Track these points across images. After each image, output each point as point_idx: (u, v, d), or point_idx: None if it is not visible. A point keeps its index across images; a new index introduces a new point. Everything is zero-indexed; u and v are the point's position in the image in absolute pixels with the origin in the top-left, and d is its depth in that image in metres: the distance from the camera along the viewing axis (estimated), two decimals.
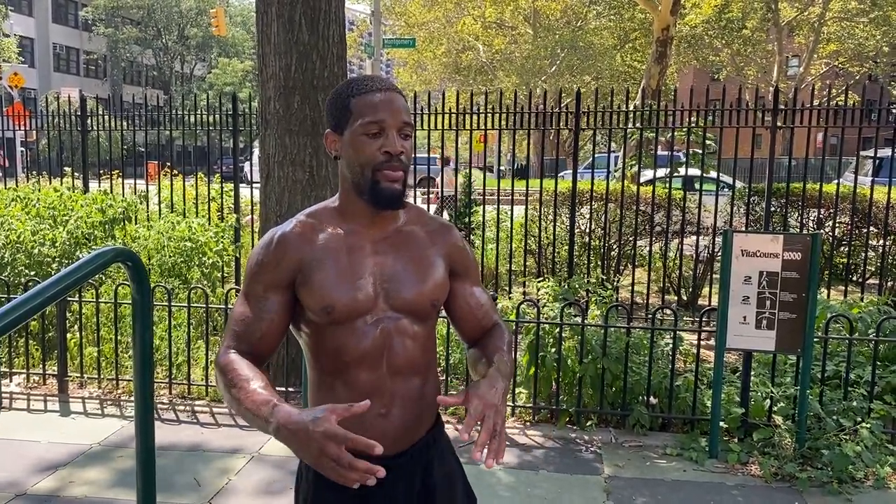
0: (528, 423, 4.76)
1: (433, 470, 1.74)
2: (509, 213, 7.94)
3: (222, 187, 7.79)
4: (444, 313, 1.85)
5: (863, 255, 7.41)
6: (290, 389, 5.05)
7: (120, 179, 8.67)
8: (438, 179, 8.51)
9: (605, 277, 6.97)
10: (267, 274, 1.66)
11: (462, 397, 1.52)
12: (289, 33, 5.02)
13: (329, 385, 1.67)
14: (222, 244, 6.67)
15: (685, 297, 7.53)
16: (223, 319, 5.43)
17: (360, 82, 1.66)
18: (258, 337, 1.66)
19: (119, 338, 5.20)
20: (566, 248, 7.25)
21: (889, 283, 7.10)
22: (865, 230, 7.28)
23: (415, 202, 7.40)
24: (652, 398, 4.69)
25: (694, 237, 7.34)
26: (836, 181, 7.83)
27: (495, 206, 7.58)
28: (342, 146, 1.66)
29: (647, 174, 8.73)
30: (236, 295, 5.73)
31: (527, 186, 7.59)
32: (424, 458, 1.73)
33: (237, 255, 7.17)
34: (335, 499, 1.67)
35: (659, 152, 8.93)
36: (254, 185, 8.28)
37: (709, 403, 4.42)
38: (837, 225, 7.54)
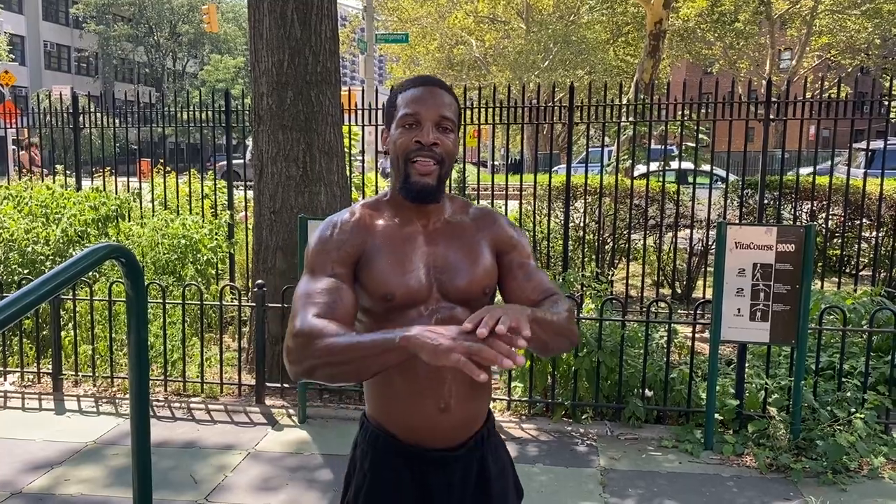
0: (523, 417, 4.76)
1: (488, 462, 1.76)
2: (503, 207, 7.95)
3: (216, 184, 7.77)
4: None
5: (856, 246, 7.44)
6: (287, 386, 5.05)
7: (112, 177, 8.64)
8: None
9: (599, 271, 6.99)
10: (334, 251, 1.66)
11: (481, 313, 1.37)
12: (281, 29, 5.00)
13: (385, 377, 1.59)
14: (216, 241, 6.66)
15: (679, 290, 7.55)
16: (217, 316, 5.43)
17: (409, 80, 1.72)
18: (340, 306, 1.58)
19: (114, 335, 5.19)
20: (561, 242, 7.26)
21: (882, 275, 7.13)
22: (858, 222, 7.31)
23: None
24: (647, 391, 4.70)
25: (688, 230, 7.36)
26: (829, 172, 7.86)
27: (489, 201, 7.57)
28: (389, 140, 1.69)
29: (641, 168, 8.74)
30: (231, 291, 5.74)
31: (520, 181, 7.58)
32: (480, 451, 1.75)
33: (231, 251, 7.16)
34: (393, 488, 1.69)
35: (653, 146, 8.94)
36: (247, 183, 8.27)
37: (704, 396, 4.44)
38: (831, 217, 7.57)
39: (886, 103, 6.91)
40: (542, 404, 4.82)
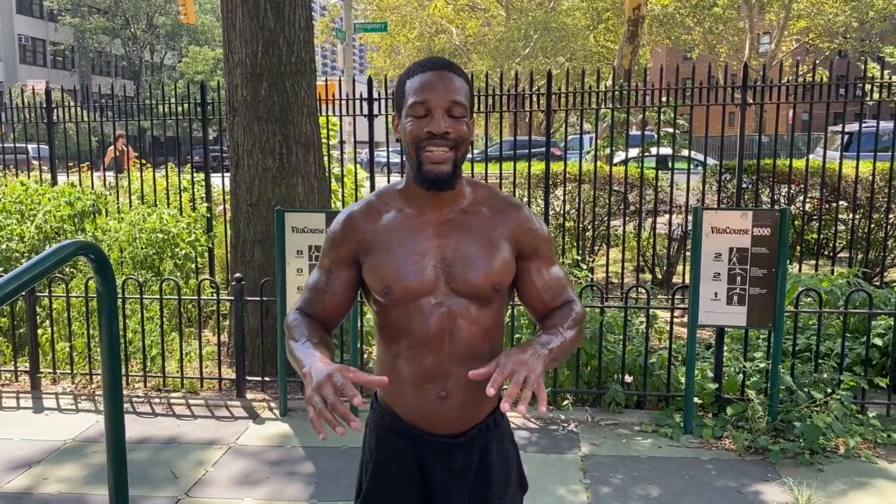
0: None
1: (491, 451, 1.76)
2: None
3: (193, 177, 7.71)
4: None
5: (833, 229, 7.51)
6: (267, 379, 5.03)
7: (89, 172, 8.55)
8: None
9: (580, 258, 7.00)
10: (333, 251, 1.74)
11: (493, 365, 1.48)
12: (254, 19, 4.95)
13: (392, 362, 1.71)
14: (195, 235, 6.61)
15: (660, 276, 7.59)
16: (197, 311, 5.40)
17: (417, 64, 1.66)
18: (321, 307, 1.76)
19: (91, 332, 5.14)
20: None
21: (859, 256, 7.20)
22: (835, 205, 7.37)
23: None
24: (627, 376, 4.73)
25: (667, 216, 7.39)
26: (806, 157, 7.91)
27: None
28: (400, 128, 1.66)
29: (621, 154, 8.76)
30: (210, 286, 5.70)
31: (500, 169, 7.57)
32: (483, 440, 1.75)
33: (210, 245, 7.11)
34: (395, 466, 1.75)
35: (633, 132, 8.96)
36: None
37: (683, 380, 4.47)
38: (808, 200, 7.62)
39: (862, 86, 6.96)
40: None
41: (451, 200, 1.69)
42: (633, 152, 8.29)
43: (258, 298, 4.89)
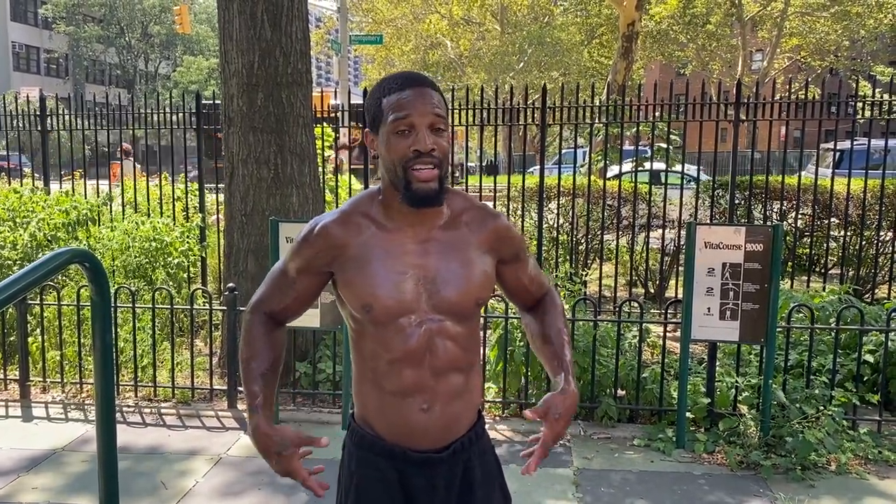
0: (497, 418, 4.77)
1: (474, 466, 1.77)
2: None
3: (187, 187, 7.70)
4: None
5: (825, 245, 7.54)
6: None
7: (83, 180, 8.52)
8: None
9: (573, 271, 7.01)
10: (303, 260, 1.73)
11: (540, 413, 1.67)
12: (251, 30, 4.97)
13: (371, 379, 1.70)
14: (188, 244, 6.59)
15: (653, 290, 7.61)
16: (189, 320, 5.37)
17: (392, 79, 1.66)
18: (281, 306, 1.79)
19: (82, 341, 5.12)
20: (535, 242, 7.28)
21: (850, 273, 7.24)
22: (827, 221, 7.41)
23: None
24: (620, 390, 4.73)
25: (660, 230, 7.41)
26: (798, 173, 7.96)
27: None
28: (378, 145, 1.66)
29: (614, 169, 8.79)
30: (203, 296, 5.68)
31: (494, 182, 7.60)
32: (466, 454, 1.75)
33: (203, 254, 7.09)
34: (378, 487, 1.74)
35: (627, 147, 9.01)
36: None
37: (675, 394, 4.47)
38: (800, 216, 7.67)
39: (854, 104, 7.02)
40: (515, 405, 4.83)
41: (431, 216, 1.68)
42: (627, 167, 8.32)
43: None
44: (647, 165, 7.35)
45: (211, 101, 7.25)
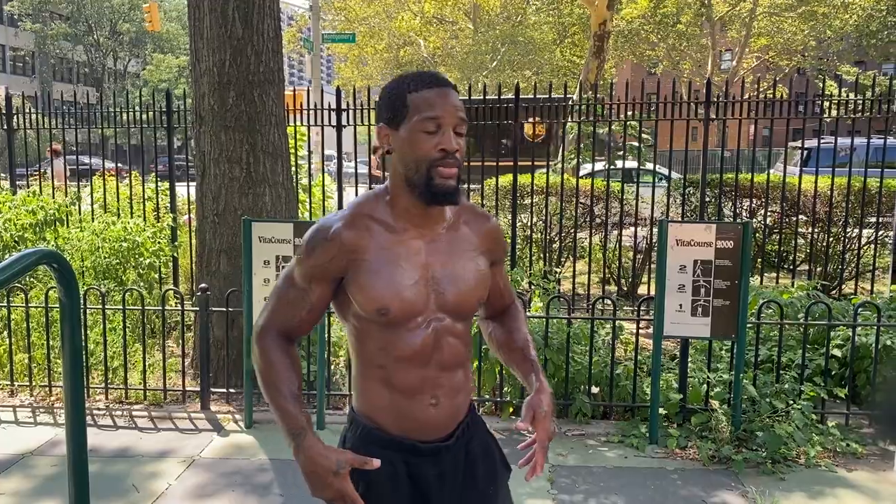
0: None
1: (473, 446, 1.82)
2: None
3: (157, 186, 7.61)
4: None
5: (793, 242, 7.67)
6: (233, 391, 4.97)
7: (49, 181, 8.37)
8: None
9: (547, 269, 7.06)
10: (316, 267, 1.68)
11: (529, 419, 1.74)
12: (222, 28, 4.92)
13: (377, 377, 1.71)
14: (159, 244, 6.52)
15: (626, 287, 7.67)
16: (160, 321, 5.31)
17: (418, 77, 1.66)
18: (296, 322, 1.73)
19: (51, 343, 5.03)
20: (508, 241, 7.31)
21: (818, 269, 7.36)
22: (795, 218, 7.53)
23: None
24: (593, 387, 4.76)
25: (633, 228, 7.48)
26: (767, 172, 8.07)
27: None
28: (396, 141, 1.65)
29: (587, 167, 8.85)
30: (174, 296, 5.62)
31: (468, 181, 7.62)
32: (466, 437, 1.81)
33: (175, 255, 7.02)
34: (389, 483, 1.73)
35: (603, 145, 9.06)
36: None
37: (648, 391, 4.51)
38: (769, 214, 7.78)
39: (820, 104, 7.14)
40: (490, 403, 4.85)
41: (438, 218, 1.71)
42: (600, 165, 8.38)
43: (224, 309, 4.84)
44: (619, 164, 7.41)
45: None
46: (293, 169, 6.19)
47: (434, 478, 1.74)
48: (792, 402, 4.31)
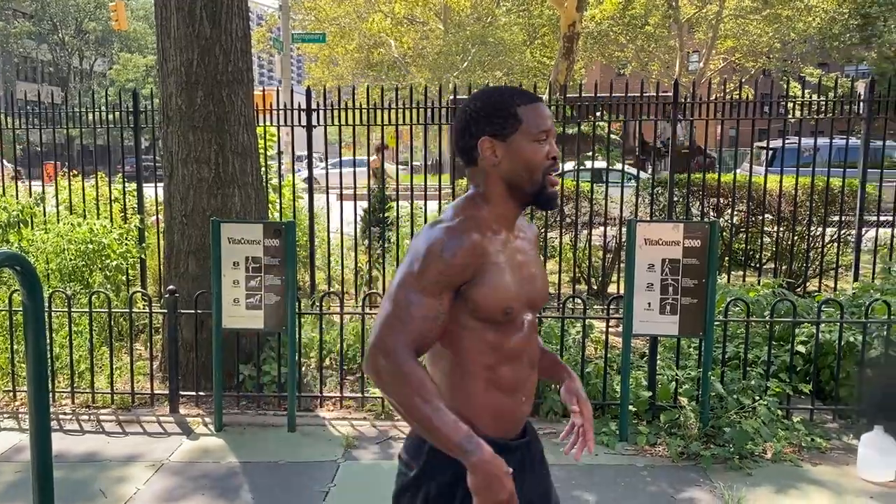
0: None
1: (535, 432, 1.93)
2: (423, 208, 7.98)
3: (124, 187, 7.51)
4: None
5: (759, 241, 7.78)
6: (202, 394, 4.92)
7: (14, 182, 8.22)
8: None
9: None
10: (450, 275, 1.65)
11: (573, 401, 1.89)
12: (189, 27, 4.87)
13: (483, 378, 1.72)
14: (126, 246, 6.43)
15: (596, 286, 7.73)
16: (128, 324, 5.24)
17: (519, 91, 1.77)
18: (431, 336, 1.67)
19: (15, 347, 4.94)
20: None
21: (784, 267, 7.48)
22: (761, 217, 7.65)
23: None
24: None
25: (602, 228, 7.54)
26: (733, 171, 8.19)
27: (408, 202, 7.57)
28: (505, 152, 1.72)
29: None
30: (143, 298, 5.54)
31: (439, 182, 7.62)
32: (534, 431, 1.93)
33: (143, 256, 6.93)
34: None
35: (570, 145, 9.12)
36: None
37: (618, 388, 4.56)
38: (736, 213, 7.89)
39: (785, 105, 7.26)
40: None
41: (517, 224, 1.83)
42: (569, 165, 8.44)
43: (192, 311, 4.79)
44: (590, 164, 7.47)
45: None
46: (263, 169, 6.14)
47: (521, 473, 1.79)
48: (758, 398, 4.38)
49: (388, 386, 1.60)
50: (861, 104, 7.07)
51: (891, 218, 7.07)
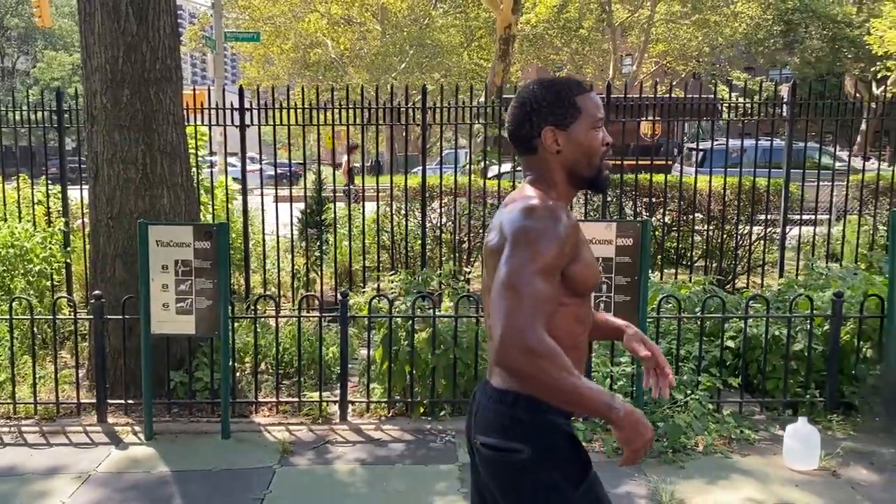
0: (383, 418, 4.75)
1: None
2: (362, 209, 7.91)
3: (48, 189, 7.23)
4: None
5: (690, 239, 7.98)
6: (131, 402, 4.76)
7: None
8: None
9: (456, 269, 7.09)
10: (563, 254, 1.71)
11: (641, 347, 2.02)
12: (115, 23, 4.72)
13: (569, 350, 1.71)
14: (50, 250, 6.19)
15: None
16: (52, 331, 5.04)
17: (575, 82, 1.86)
18: (552, 316, 1.71)
19: None
20: (419, 241, 7.31)
21: (714, 265, 7.69)
22: (692, 217, 7.84)
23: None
24: None
25: None
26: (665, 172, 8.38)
27: (345, 203, 7.49)
28: (567, 140, 1.81)
29: (495, 169, 8.96)
30: (68, 304, 5.32)
31: (377, 183, 7.58)
32: None
33: (68, 260, 6.68)
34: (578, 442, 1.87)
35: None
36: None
37: None
38: (667, 212, 8.08)
39: (714, 107, 7.46)
40: (401, 404, 4.83)
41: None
42: (507, 167, 8.50)
43: (120, 317, 4.63)
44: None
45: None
46: (194, 170, 5.99)
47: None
48: (690, 392, 4.48)
49: (541, 372, 1.59)
50: (784, 107, 7.32)
51: (813, 216, 7.35)
